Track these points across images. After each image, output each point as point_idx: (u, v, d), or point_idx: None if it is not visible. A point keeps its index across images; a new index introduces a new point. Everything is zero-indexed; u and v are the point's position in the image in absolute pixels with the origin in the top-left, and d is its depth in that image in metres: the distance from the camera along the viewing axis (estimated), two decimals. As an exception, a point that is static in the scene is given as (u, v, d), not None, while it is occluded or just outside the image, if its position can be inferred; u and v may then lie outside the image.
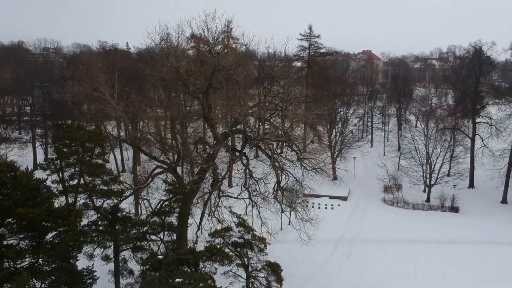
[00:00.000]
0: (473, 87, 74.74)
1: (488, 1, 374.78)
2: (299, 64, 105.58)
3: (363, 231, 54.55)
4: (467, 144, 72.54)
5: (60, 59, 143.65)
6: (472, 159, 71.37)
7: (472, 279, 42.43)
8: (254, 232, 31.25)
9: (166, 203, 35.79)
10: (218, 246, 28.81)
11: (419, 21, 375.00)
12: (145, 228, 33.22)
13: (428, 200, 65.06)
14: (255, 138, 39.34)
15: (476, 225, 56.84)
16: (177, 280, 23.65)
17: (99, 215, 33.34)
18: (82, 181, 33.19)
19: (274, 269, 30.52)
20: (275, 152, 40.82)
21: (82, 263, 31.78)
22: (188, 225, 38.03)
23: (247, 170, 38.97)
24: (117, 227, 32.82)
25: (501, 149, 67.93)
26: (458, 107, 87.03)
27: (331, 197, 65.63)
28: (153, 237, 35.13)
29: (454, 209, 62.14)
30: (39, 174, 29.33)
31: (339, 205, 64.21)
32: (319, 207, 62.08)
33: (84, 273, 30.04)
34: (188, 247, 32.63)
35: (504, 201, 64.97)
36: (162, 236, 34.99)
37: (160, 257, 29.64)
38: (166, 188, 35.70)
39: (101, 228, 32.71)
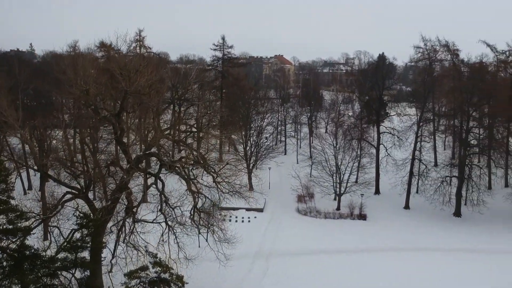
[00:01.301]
0: (377, 98, 79.41)
1: (393, 13, 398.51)
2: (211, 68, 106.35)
3: (279, 243, 55.83)
4: (372, 153, 77.16)
5: None
6: (377, 167, 75.97)
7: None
8: (172, 271, 30.98)
9: (77, 235, 34.37)
10: (135, 288, 28.27)
11: (328, 26, 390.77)
12: (56, 265, 31.67)
13: (338, 208, 68.18)
14: (169, 164, 39.11)
15: (383, 232, 60.55)
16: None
17: (4, 254, 31.26)
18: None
19: (193, 304, 30.45)
20: (192, 176, 40.82)
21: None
22: (102, 258, 36.83)
23: (163, 197, 38.64)
24: (25, 267, 30.99)
25: (403, 158, 72.92)
26: (363, 116, 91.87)
27: (248, 209, 66.31)
28: (65, 273, 33.60)
29: (362, 216, 65.72)
30: None
31: (255, 217, 65.31)
32: (236, 221, 62.83)
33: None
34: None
35: (406, 206, 69.89)
36: (74, 272, 33.58)
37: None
38: (78, 222, 34.21)
39: (6, 269, 30.68)
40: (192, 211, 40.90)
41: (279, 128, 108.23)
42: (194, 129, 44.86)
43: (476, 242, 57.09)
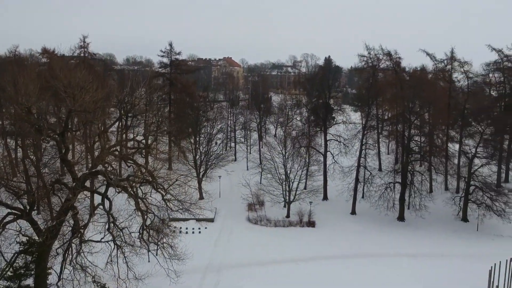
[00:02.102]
0: (323, 106, 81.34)
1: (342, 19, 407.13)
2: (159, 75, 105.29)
3: (230, 255, 55.93)
4: (320, 160, 78.94)
5: None
6: (325, 173, 77.80)
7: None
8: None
9: (20, 261, 33.18)
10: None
11: (275, 28, 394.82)
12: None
13: (288, 216, 69.27)
14: (116, 183, 38.39)
15: (331, 238, 62.10)
16: None
17: None
18: None
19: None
20: (141, 194, 40.29)
21: None
22: (48, 284, 35.77)
23: (110, 218, 37.98)
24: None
25: (349, 165, 75.07)
26: (311, 121, 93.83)
27: (198, 220, 65.61)
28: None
29: (311, 223, 67.06)
30: None
31: (206, 228, 65.05)
32: (186, 232, 62.43)
33: None
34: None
35: (353, 212, 72.04)
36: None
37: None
38: (21, 249, 33.04)
39: None
40: (141, 229, 40.49)
41: (229, 134, 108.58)
42: (142, 145, 44.32)
43: (419, 247, 59.65)
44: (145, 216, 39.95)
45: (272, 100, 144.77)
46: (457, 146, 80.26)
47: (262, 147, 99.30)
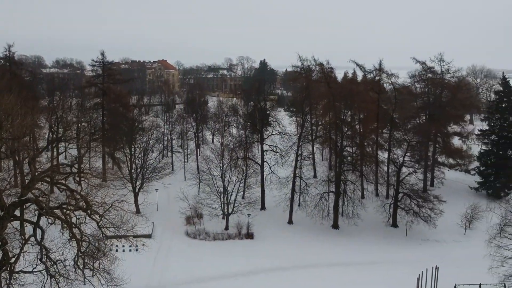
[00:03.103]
0: (260, 116, 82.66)
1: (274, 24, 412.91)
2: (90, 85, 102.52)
3: (169, 273, 55.36)
4: (258, 170, 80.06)
5: None
6: (262, 183, 78.99)
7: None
8: None
9: None
10: None
11: (211, 31, 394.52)
12: None
13: (227, 228, 69.66)
14: (48, 212, 37.17)
15: (268, 250, 63.07)
16: None
17: None
18: None
19: None
20: (75, 221, 39.30)
21: None
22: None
23: (43, 250, 36.75)
24: None
25: (286, 176, 76.78)
26: (248, 126, 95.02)
27: (135, 236, 64.40)
28: None
29: (249, 235, 67.81)
30: None
31: (143, 244, 63.69)
32: (123, 250, 61.15)
33: None
34: None
35: (290, 222, 73.62)
36: None
37: None
38: None
39: None
40: (76, 257, 39.52)
41: (166, 143, 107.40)
42: (75, 169, 43.12)
43: (352, 255, 62.21)
44: (80, 243, 39.10)
45: (209, 105, 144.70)
46: (386, 154, 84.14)
47: (200, 154, 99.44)
